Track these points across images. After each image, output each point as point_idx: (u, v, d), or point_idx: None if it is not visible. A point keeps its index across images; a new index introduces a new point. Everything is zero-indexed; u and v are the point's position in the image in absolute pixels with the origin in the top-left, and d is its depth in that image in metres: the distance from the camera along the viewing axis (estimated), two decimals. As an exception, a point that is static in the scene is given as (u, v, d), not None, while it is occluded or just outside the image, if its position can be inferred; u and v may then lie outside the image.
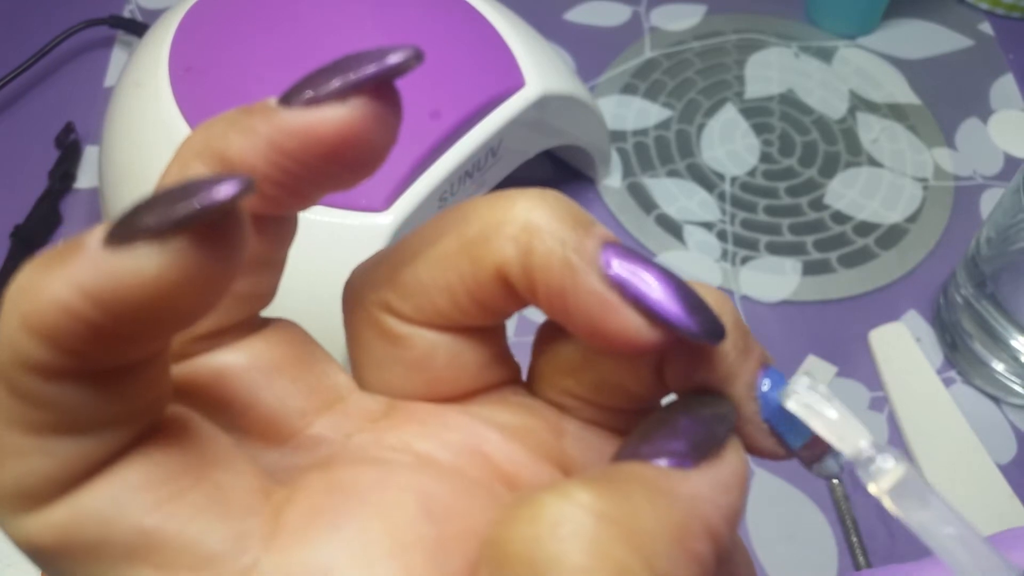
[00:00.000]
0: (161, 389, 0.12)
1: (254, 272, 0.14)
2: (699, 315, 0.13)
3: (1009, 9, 0.64)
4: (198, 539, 0.11)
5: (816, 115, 0.58)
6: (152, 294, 0.10)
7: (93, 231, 0.10)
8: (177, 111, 0.41)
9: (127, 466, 0.11)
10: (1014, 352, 0.44)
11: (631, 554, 0.11)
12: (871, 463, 0.14)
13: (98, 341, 0.10)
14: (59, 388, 0.10)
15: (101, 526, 0.11)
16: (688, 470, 0.12)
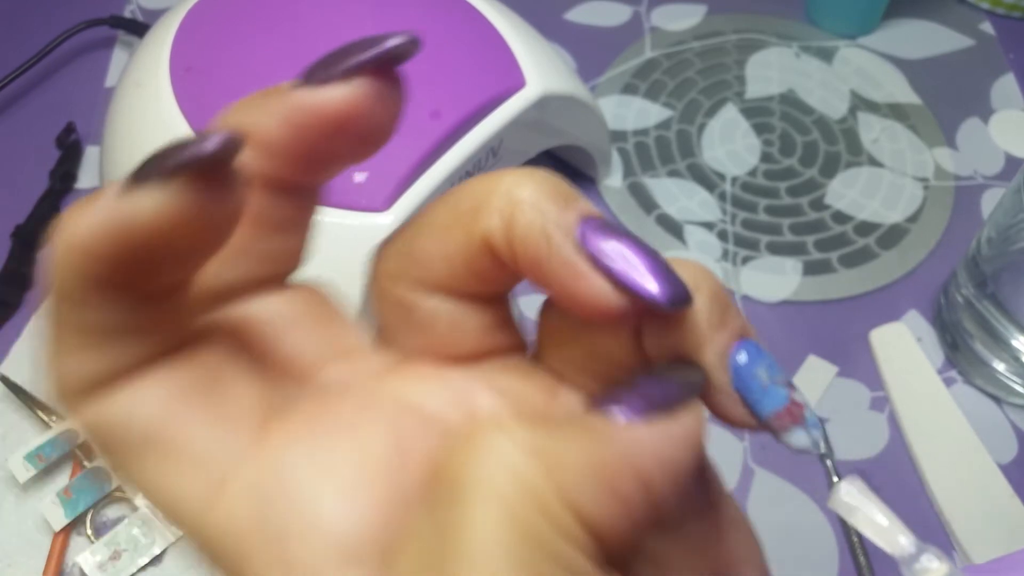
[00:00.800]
0: (183, 317, 0.14)
1: (279, 233, 0.16)
2: (663, 283, 0.13)
3: (1009, 9, 0.64)
4: (193, 441, 0.14)
5: (816, 115, 0.58)
6: (152, 228, 0.12)
7: (115, 182, 0.12)
8: (177, 111, 0.41)
9: (149, 375, 0.14)
10: (1015, 352, 0.44)
11: (548, 484, 0.12)
12: (915, 561, 0.14)
13: (118, 267, 0.12)
14: (105, 300, 0.13)
15: (121, 420, 0.14)
16: (633, 421, 0.13)
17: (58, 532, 0.41)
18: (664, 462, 0.13)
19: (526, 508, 0.12)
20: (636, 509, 0.13)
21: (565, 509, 0.12)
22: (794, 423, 0.15)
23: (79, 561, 0.40)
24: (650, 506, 0.13)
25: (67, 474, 0.43)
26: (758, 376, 0.15)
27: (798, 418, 0.15)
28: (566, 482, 0.12)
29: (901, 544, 0.14)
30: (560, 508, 0.12)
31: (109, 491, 0.42)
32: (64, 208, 0.52)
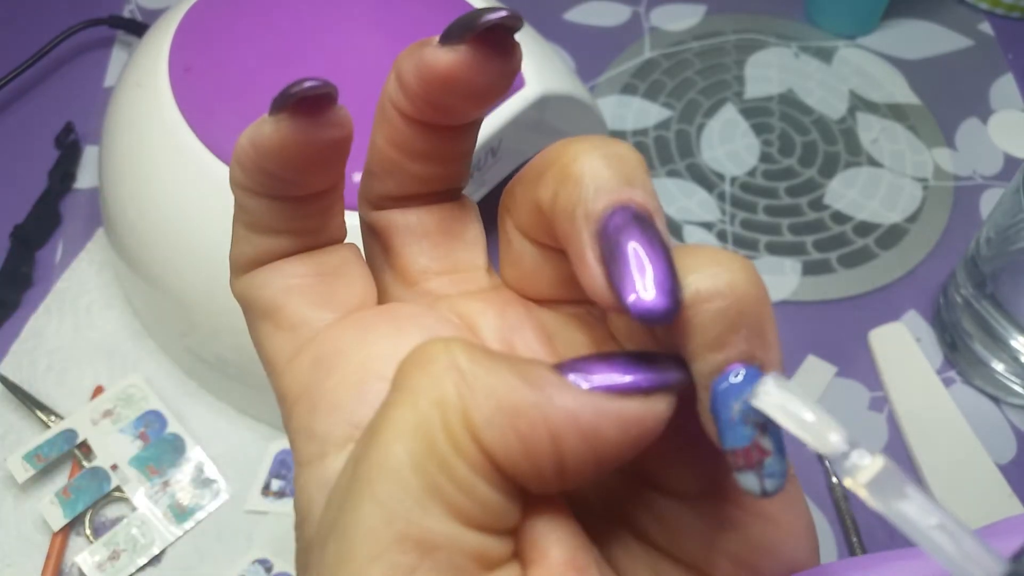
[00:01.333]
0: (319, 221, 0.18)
1: (422, 160, 0.18)
2: (656, 296, 0.14)
3: (1009, 9, 0.64)
4: (293, 318, 0.17)
5: (816, 115, 0.58)
6: (271, 147, 0.16)
7: None
8: (177, 111, 0.41)
9: (281, 266, 0.18)
10: (1014, 352, 0.44)
11: (457, 404, 0.13)
12: (846, 458, 0.14)
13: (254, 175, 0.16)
14: (255, 202, 0.17)
15: (253, 294, 0.18)
16: (578, 387, 0.14)
17: (57, 532, 0.41)
18: (585, 432, 0.13)
19: (432, 420, 0.13)
20: (541, 460, 0.13)
21: (465, 432, 0.13)
22: (747, 466, 0.14)
23: (78, 561, 0.40)
24: (557, 463, 0.14)
25: (66, 474, 0.43)
26: (730, 408, 0.14)
27: (753, 463, 0.14)
28: (476, 408, 0.13)
29: (831, 442, 0.14)
30: (460, 429, 0.13)
31: (108, 491, 0.42)
32: (63, 208, 0.52)
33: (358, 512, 0.13)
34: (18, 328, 0.48)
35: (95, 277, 0.49)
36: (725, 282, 0.14)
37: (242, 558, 0.41)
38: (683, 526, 0.17)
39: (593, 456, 0.14)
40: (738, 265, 0.15)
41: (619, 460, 0.14)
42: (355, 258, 0.19)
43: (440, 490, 0.13)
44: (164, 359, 0.46)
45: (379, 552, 0.13)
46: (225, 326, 0.41)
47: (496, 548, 0.14)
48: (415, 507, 0.13)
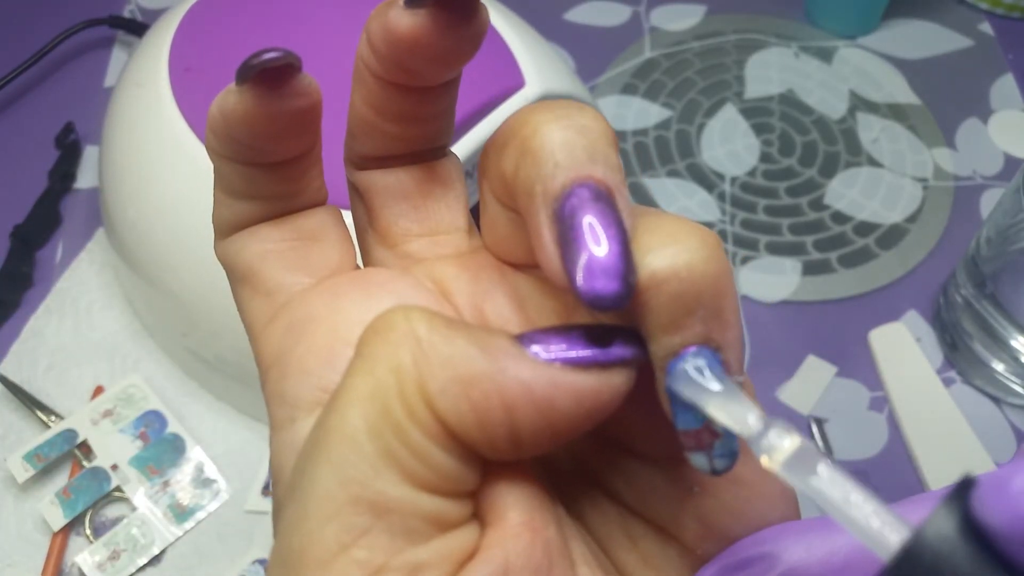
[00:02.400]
0: (295, 186, 0.18)
1: (399, 121, 0.18)
2: (607, 279, 0.14)
3: (1009, 9, 0.64)
4: (269, 282, 0.18)
5: (816, 115, 0.58)
6: (237, 117, 0.16)
7: None
8: (177, 111, 0.41)
9: (261, 228, 0.18)
10: (1014, 352, 0.44)
11: (413, 371, 0.14)
12: (762, 438, 0.14)
13: (224, 142, 0.17)
14: (230, 167, 0.17)
15: (232, 258, 0.18)
16: (536, 358, 0.14)
17: (57, 532, 0.41)
18: (539, 404, 0.14)
19: (388, 387, 0.14)
20: (494, 429, 0.14)
21: (419, 399, 0.14)
22: (697, 447, 0.15)
23: (78, 561, 0.40)
24: (510, 433, 0.14)
25: (66, 474, 0.43)
26: (682, 391, 0.14)
27: (703, 444, 0.15)
28: (431, 377, 0.14)
29: (748, 423, 0.14)
30: (415, 397, 0.14)
31: (108, 491, 0.42)
32: (63, 208, 0.52)
33: (315, 475, 0.14)
34: (18, 328, 0.48)
35: (95, 277, 0.49)
36: (683, 263, 0.14)
37: (242, 558, 0.41)
38: (653, 488, 0.17)
39: (547, 426, 0.14)
40: (697, 242, 0.14)
41: (576, 431, 0.14)
42: (333, 222, 0.19)
43: (394, 455, 0.13)
44: (164, 359, 0.46)
45: (333, 513, 0.13)
46: (225, 326, 0.41)
47: (452, 511, 0.14)
48: (369, 471, 0.13)
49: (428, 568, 0.13)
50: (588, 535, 0.17)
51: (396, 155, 0.19)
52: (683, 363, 0.14)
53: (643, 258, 0.14)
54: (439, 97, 0.18)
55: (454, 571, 0.14)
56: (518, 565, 0.14)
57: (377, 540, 0.13)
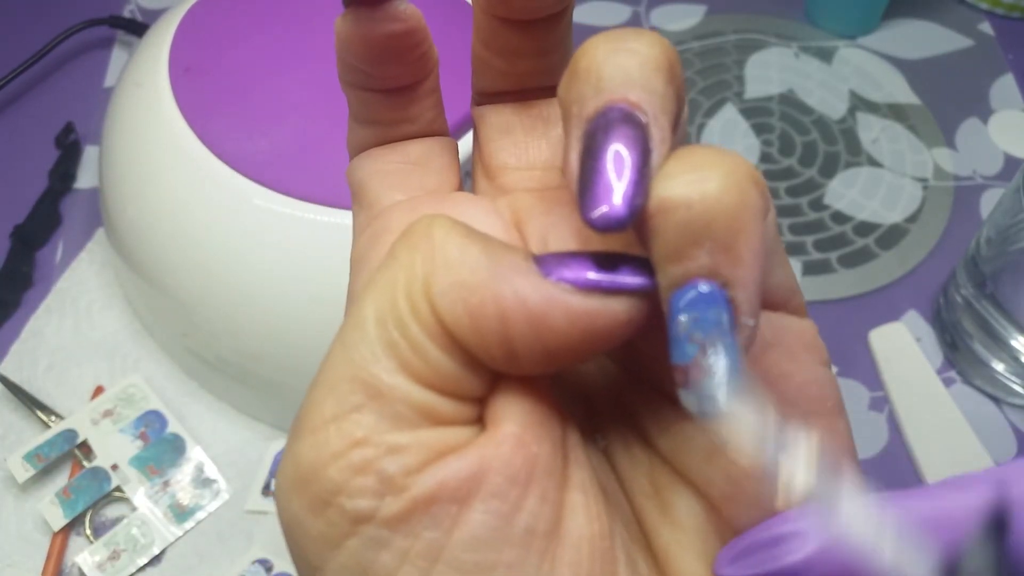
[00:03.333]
0: (407, 114, 0.19)
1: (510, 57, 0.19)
2: (600, 202, 0.14)
3: (1009, 9, 0.64)
4: (373, 194, 0.19)
5: (816, 115, 0.58)
6: (342, 40, 0.17)
7: None
8: (177, 111, 0.41)
9: (376, 151, 0.19)
10: (1014, 352, 0.44)
11: (421, 272, 0.14)
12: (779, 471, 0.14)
13: (346, 68, 0.18)
14: (351, 93, 0.19)
15: (351, 175, 0.20)
16: (539, 275, 0.14)
17: (57, 532, 0.41)
18: (532, 318, 0.14)
19: (398, 283, 0.14)
20: (487, 336, 0.14)
21: (422, 297, 0.14)
22: (685, 384, 0.14)
23: (78, 561, 0.40)
24: (504, 343, 0.14)
25: (66, 474, 0.43)
26: (680, 322, 0.14)
27: (692, 382, 0.14)
28: (435, 278, 0.14)
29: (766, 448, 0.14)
30: (419, 294, 0.14)
31: (108, 491, 0.42)
32: (63, 208, 0.52)
33: (330, 352, 0.15)
34: (18, 328, 0.48)
35: (95, 277, 0.49)
36: (696, 191, 0.13)
37: (242, 558, 0.41)
38: (686, 438, 0.17)
39: (540, 343, 0.14)
40: (720, 172, 0.14)
41: (574, 354, 0.14)
42: (441, 151, 0.20)
43: (394, 345, 0.14)
44: (164, 359, 0.46)
45: (333, 387, 0.15)
46: (225, 326, 0.41)
47: (446, 408, 0.14)
48: (369, 355, 0.14)
49: (405, 451, 0.14)
50: (613, 473, 0.17)
51: (506, 91, 0.19)
52: (686, 293, 0.14)
53: (659, 183, 0.14)
54: (544, 33, 0.18)
55: (431, 460, 0.14)
56: (492, 468, 0.14)
57: (365, 418, 0.14)
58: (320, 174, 0.39)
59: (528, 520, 0.14)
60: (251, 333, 0.40)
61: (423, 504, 0.14)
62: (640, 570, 0.16)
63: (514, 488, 0.14)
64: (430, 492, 0.14)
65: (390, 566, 0.14)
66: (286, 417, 0.44)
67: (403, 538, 0.14)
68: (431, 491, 0.14)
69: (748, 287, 0.14)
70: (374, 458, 0.14)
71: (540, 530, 0.14)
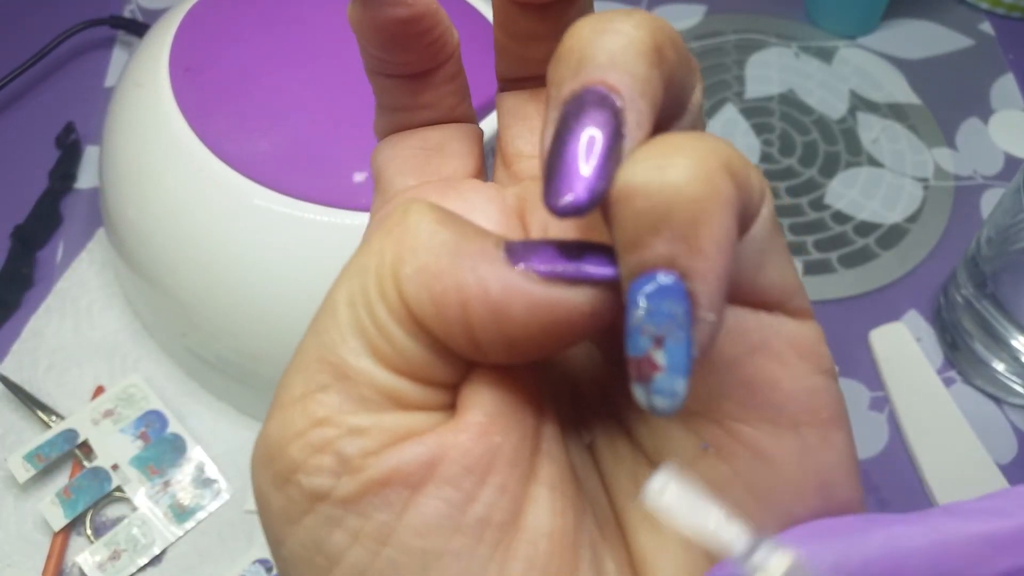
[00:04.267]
0: (423, 99, 0.19)
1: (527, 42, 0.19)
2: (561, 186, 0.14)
3: (1009, 9, 0.64)
4: (389, 179, 0.19)
5: (816, 115, 0.58)
6: (354, 25, 0.18)
7: None
8: (177, 111, 0.41)
9: (396, 136, 0.20)
10: (1014, 352, 0.44)
11: (391, 257, 0.14)
12: (750, 558, 0.13)
13: (364, 53, 0.18)
14: (372, 79, 0.19)
15: (371, 159, 0.20)
16: (505, 264, 0.14)
17: (57, 532, 0.41)
18: (492, 307, 0.14)
19: (369, 267, 0.15)
20: (450, 323, 0.14)
21: (391, 281, 0.14)
22: (638, 378, 0.14)
23: (78, 561, 0.40)
24: (465, 330, 0.14)
25: (66, 474, 0.43)
26: (634, 314, 0.13)
27: (643, 376, 0.13)
28: (403, 262, 0.14)
29: (731, 542, 0.13)
30: (388, 278, 0.14)
31: (108, 491, 0.42)
32: (63, 208, 0.52)
33: (305, 334, 0.15)
34: (19, 328, 0.48)
35: (95, 277, 0.49)
36: (657, 179, 0.13)
37: (242, 558, 0.41)
38: (670, 438, 0.16)
39: (500, 332, 0.14)
40: (690, 160, 0.13)
41: (537, 345, 0.14)
42: (461, 138, 0.20)
43: (362, 328, 0.14)
44: (164, 359, 0.46)
45: (303, 367, 0.15)
46: (225, 326, 0.41)
47: (413, 394, 0.15)
48: (337, 337, 0.15)
49: (365, 434, 0.14)
50: (596, 471, 0.17)
51: (526, 76, 0.19)
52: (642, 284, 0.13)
53: (623, 170, 0.13)
54: (559, 17, 0.18)
55: (390, 443, 0.14)
56: (450, 457, 0.14)
57: (329, 398, 0.14)
58: (320, 174, 0.39)
59: (482, 510, 0.14)
60: (251, 333, 0.40)
61: (376, 486, 0.14)
62: (606, 570, 0.16)
63: (470, 477, 0.14)
64: (383, 475, 0.14)
65: (341, 545, 0.14)
66: (286, 417, 0.44)
67: (355, 518, 0.14)
68: (385, 474, 0.14)
69: (708, 280, 0.13)
70: (334, 438, 0.14)
71: (495, 521, 0.14)
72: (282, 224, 0.38)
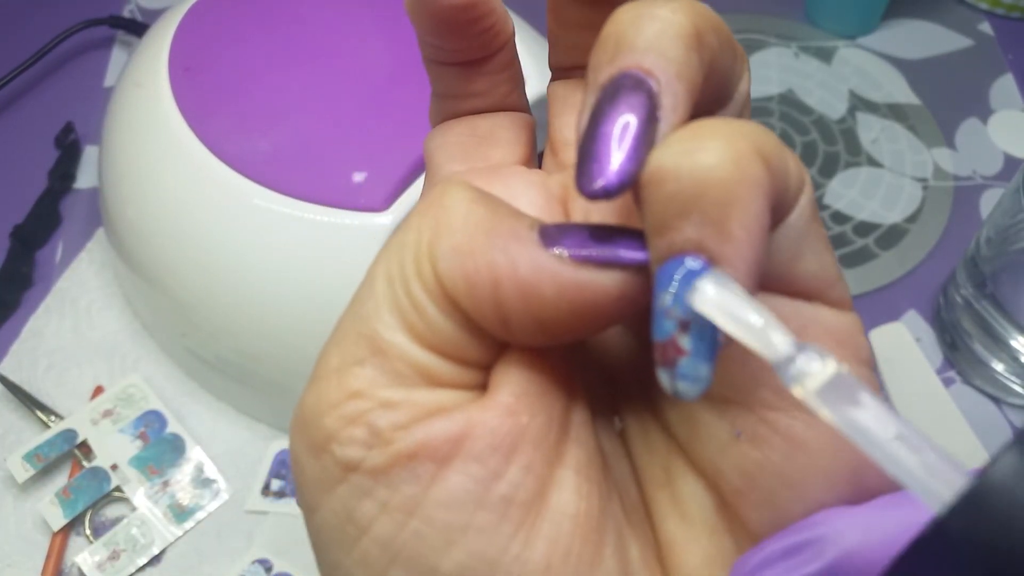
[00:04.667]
0: (476, 87, 0.19)
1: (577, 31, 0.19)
2: (591, 169, 0.14)
3: (1009, 9, 0.64)
4: (438, 164, 0.19)
5: (816, 115, 0.58)
6: (408, 10, 0.17)
7: None
8: (177, 111, 0.41)
9: (448, 124, 0.20)
10: (1014, 352, 0.44)
11: (428, 234, 0.15)
12: (792, 364, 0.13)
13: (419, 41, 0.18)
14: (428, 67, 0.19)
15: (424, 145, 0.20)
16: (537, 246, 0.14)
17: (57, 532, 0.41)
18: (522, 287, 0.14)
19: (408, 244, 0.15)
20: (481, 302, 0.14)
21: (427, 259, 0.15)
22: (663, 362, 0.14)
23: (78, 561, 0.40)
24: (496, 309, 0.14)
25: (66, 474, 0.43)
26: (661, 298, 0.13)
27: (668, 360, 0.13)
28: (439, 241, 0.14)
29: (775, 344, 0.13)
30: (424, 256, 0.15)
31: (108, 491, 0.42)
32: (63, 208, 0.52)
33: (345, 309, 0.16)
34: (18, 328, 0.48)
35: (95, 277, 0.49)
36: (687, 162, 0.13)
37: (242, 558, 0.41)
38: (703, 425, 0.16)
39: (530, 313, 0.14)
40: (723, 142, 0.13)
41: (567, 328, 0.14)
42: (510, 126, 0.20)
43: (398, 304, 0.15)
44: (164, 359, 0.46)
45: (341, 340, 0.15)
46: (225, 326, 0.41)
47: (445, 371, 0.15)
48: (374, 313, 0.15)
49: (397, 408, 0.14)
50: (627, 458, 0.17)
51: (578, 65, 0.19)
52: (669, 267, 0.13)
53: (655, 153, 0.13)
54: (606, 5, 0.18)
55: (421, 418, 0.14)
56: (475, 433, 0.14)
57: (364, 372, 0.15)
58: (320, 174, 0.39)
59: (506, 489, 0.14)
60: (251, 333, 0.40)
61: (404, 459, 0.14)
62: (631, 556, 0.16)
63: (496, 455, 0.14)
64: (412, 448, 0.14)
65: (370, 515, 0.14)
66: (286, 417, 0.43)
67: (384, 489, 0.14)
68: (413, 447, 0.14)
69: (736, 265, 0.13)
70: (367, 411, 0.14)
71: (519, 499, 0.14)
72: (282, 224, 0.38)
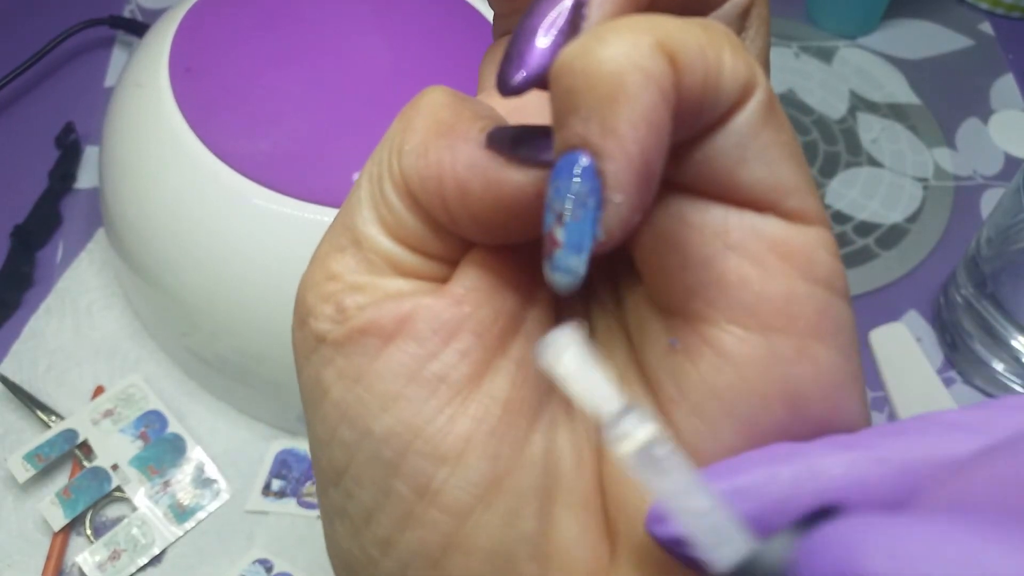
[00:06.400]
0: None
1: None
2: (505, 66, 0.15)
3: (1009, 9, 0.64)
4: (484, 78, 0.20)
5: (816, 115, 0.58)
6: None
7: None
8: (177, 111, 0.41)
9: (503, 38, 0.20)
10: (1014, 352, 0.44)
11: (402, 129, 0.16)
12: (616, 425, 0.13)
13: None
14: None
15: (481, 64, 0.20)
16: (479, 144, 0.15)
17: (57, 532, 0.41)
18: (459, 182, 0.15)
19: (385, 143, 0.16)
20: (431, 196, 0.15)
21: (396, 158, 0.16)
22: (544, 254, 0.14)
23: (78, 561, 0.40)
24: (441, 203, 0.15)
25: (66, 474, 0.43)
26: (550, 195, 0.14)
27: (546, 251, 0.14)
28: (404, 140, 0.16)
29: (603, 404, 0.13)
30: (395, 156, 0.16)
31: (108, 491, 0.42)
32: (63, 208, 0.52)
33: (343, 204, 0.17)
34: (18, 328, 0.48)
35: (95, 277, 0.49)
36: (581, 57, 0.13)
37: (242, 558, 0.41)
38: (649, 333, 0.16)
39: (466, 208, 0.15)
40: (622, 36, 0.13)
41: (498, 223, 0.15)
42: None
43: (374, 199, 0.16)
44: (164, 359, 0.46)
45: (332, 229, 0.17)
46: (225, 326, 0.41)
47: (410, 261, 0.16)
48: (356, 206, 0.17)
49: (363, 290, 0.16)
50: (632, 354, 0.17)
51: None
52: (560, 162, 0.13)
53: (562, 50, 0.13)
54: None
55: (379, 301, 0.16)
56: (420, 317, 0.16)
57: (343, 258, 0.16)
58: (320, 174, 0.39)
59: (439, 368, 0.16)
60: (251, 333, 0.40)
61: (357, 334, 0.16)
62: (559, 446, 0.17)
63: (435, 338, 0.16)
64: (363, 325, 0.16)
65: (329, 380, 0.16)
66: (286, 417, 0.44)
67: (341, 359, 0.16)
68: (364, 324, 0.16)
69: (619, 160, 0.13)
70: (338, 291, 0.16)
71: (451, 379, 0.16)
72: (282, 224, 0.38)
